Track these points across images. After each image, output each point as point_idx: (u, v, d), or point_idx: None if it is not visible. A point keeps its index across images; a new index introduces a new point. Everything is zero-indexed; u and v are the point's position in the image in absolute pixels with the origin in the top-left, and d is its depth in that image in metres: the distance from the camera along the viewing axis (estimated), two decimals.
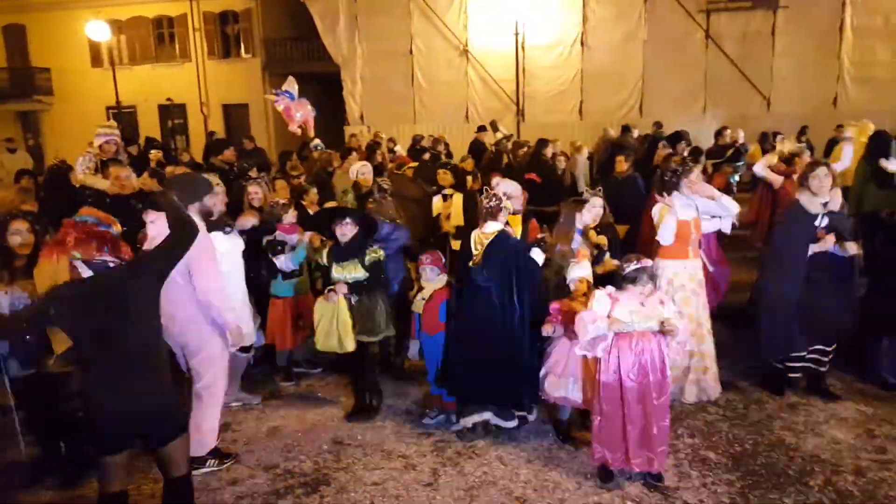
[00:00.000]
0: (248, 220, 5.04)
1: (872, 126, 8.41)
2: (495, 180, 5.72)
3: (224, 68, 22.69)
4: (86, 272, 2.96)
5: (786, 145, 7.23)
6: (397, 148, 11.04)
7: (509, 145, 10.12)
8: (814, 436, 4.42)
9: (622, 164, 7.18)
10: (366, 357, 4.83)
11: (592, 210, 4.72)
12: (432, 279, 4.63)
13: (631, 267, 3.69)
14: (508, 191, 4.92)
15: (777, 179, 6.40)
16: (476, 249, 4.35)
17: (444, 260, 4.80)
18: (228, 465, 4.28)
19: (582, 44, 16.92)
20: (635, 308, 3.68)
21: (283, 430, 4.78)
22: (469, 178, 6.79)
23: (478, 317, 4.33)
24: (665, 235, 4.74)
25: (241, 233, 4.83)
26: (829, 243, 4.66)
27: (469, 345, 4.38)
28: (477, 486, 3.99)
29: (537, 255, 4.29)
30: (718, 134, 10.27)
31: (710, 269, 5.47)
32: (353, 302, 4.67)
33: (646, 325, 3.69)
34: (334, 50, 17.91)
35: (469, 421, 4.51)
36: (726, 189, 7.66)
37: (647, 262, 3.73)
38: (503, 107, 17.35)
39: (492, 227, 4.36)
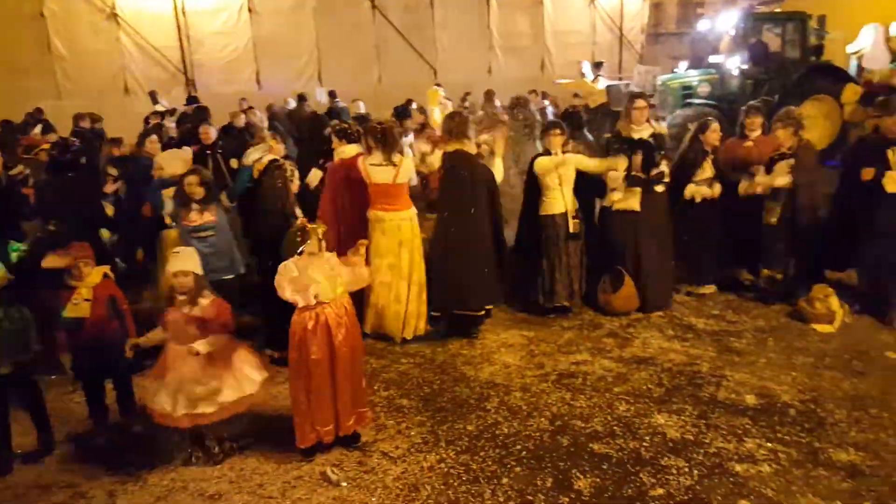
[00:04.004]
0: None
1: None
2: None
3: None
4: None
5: None
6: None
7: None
8: (489, 364, 4.91)
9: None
10: (35, 387, 4.00)
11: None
12: None
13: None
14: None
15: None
16: None
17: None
18: None
19: (250, 10, 16.13)
20: (326, 272, 3.67)
21: None
22: None
23: None
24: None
25: None
26: None
27: None
28: (164, 497, 3.57)
29: None
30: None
31: None
32: None
33: (338, 290, 3.70)
34: None
35: None
36: None
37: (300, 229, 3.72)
38: (169, 76, 15.73)
39: None
